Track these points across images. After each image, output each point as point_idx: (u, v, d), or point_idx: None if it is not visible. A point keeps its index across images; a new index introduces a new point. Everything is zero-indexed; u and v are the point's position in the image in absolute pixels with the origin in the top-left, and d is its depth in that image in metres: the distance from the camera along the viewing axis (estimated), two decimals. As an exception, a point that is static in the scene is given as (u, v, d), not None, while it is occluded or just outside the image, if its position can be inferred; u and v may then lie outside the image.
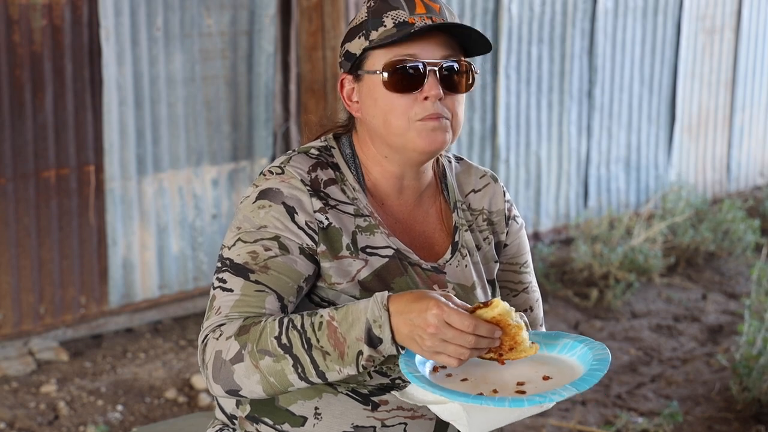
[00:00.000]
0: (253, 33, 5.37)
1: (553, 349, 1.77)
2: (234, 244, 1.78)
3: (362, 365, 1.65)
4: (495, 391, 1.64)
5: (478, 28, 6.23)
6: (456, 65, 1.79)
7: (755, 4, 8.08)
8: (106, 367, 4.85)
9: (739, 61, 8.04)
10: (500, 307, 1.62)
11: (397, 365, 1.78)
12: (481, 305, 1.63)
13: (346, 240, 1.80)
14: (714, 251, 6.82)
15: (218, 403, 1.95)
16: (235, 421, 1.91)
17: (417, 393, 1.68)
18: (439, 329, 1.59)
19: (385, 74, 1.77)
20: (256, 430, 1.87)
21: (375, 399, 1.82)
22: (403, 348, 1.65)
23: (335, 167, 1.86)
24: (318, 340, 1.66)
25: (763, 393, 4.50)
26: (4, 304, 4.75)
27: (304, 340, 1.66)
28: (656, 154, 7.53)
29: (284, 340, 1.67)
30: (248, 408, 1.87)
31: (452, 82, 1.79)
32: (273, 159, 5.53)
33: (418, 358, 1.67)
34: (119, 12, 4.89)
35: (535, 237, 6.81)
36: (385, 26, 1.78)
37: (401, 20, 1.78)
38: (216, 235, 5.36)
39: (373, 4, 1.82)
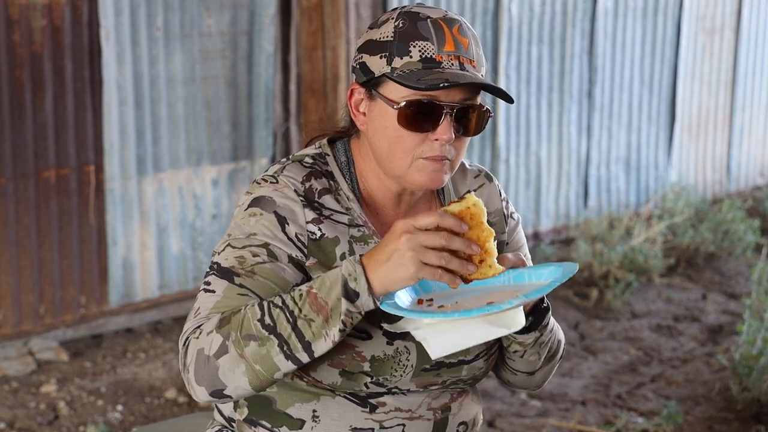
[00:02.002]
0: (253, 33, 5.37)
1: (539, 278, 1.77)
2: (223, 250, 1.80)
3: (342, 321, 1.65)
4: None
5: (478, 28, 6.24)
6: (471, 108, 1.78)
7: (755, 4, 8.09)
8: (106, 367, 4.86)
9: (739, 61, 8.04)
10: (472, 200, 1.64)
11: (394, 375, 1.79)
12: (453, 201, 1.65)
13: (339, 250, 1.80)
14: (714, 251, 6.82)
15: (216, 406, 1.95)
16: (233, 423, 1.91)
17: (400, 322, 1.73)
18: (412, 233, 1.60)
19: (402, 109, 1.75)
20: (254, 433, 1.87)
21: (373, 401, 1.82)
22: (380, 300, 1.66)
23: (329, 176, 1.85)
24: (301, 310, 1.66)
25: (763, 393, 4.50)
26: (4, 304, 4.75)
27: (287, 314, 1.66)
28: (656, 154, 7.53)
29: (267, 320, 1.67)
30: (246, 411, 1.87)
31: (465, 123, 1.78)
32: (273, 159, 5.53)
33: (399, 292, 1.70)
34: (119, 12, 4.89)
35: (535, 237, 6.81)
36: (411, 57, 1.75)
37: (428, 55, 1.74)
38: (216, 235, 5.36)
39: (401, 24, 1.77)
